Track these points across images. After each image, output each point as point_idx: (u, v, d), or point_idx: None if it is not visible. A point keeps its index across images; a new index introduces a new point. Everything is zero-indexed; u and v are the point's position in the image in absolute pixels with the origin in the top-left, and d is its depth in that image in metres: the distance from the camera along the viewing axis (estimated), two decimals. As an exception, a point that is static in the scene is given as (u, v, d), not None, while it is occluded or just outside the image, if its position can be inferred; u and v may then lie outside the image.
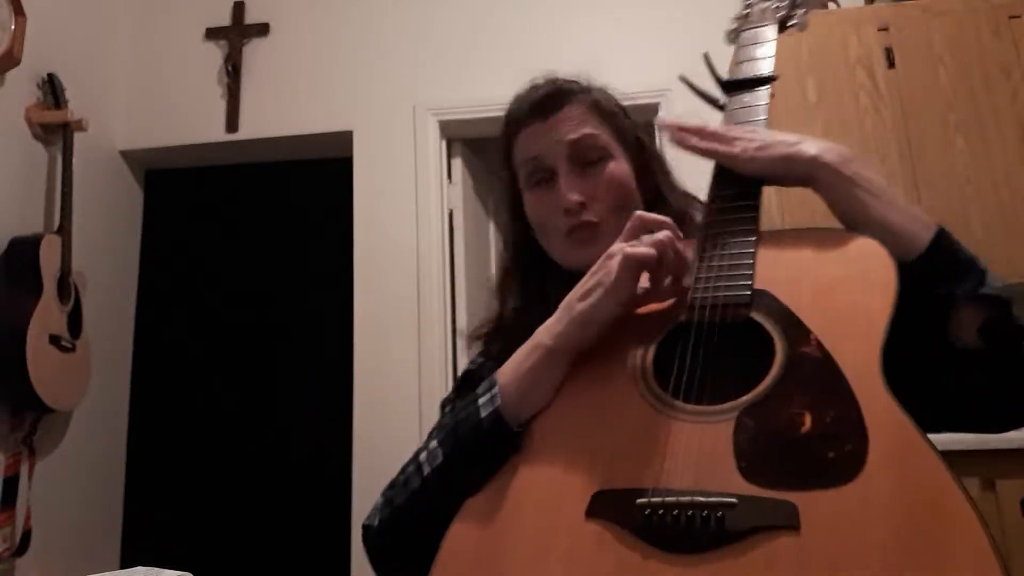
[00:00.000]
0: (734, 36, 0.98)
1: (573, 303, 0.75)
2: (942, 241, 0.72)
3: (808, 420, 0.60)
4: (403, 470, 0.80)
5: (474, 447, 0.73)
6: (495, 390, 0.75)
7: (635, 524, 0.59)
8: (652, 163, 1.00)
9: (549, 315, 0.78)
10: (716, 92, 0.94)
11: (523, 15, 2.86)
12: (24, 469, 2.25)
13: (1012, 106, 2.21)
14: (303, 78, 2.91)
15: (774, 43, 0.93)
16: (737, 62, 0.93)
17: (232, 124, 2.88)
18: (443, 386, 2.56)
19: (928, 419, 0.61)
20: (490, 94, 2.78)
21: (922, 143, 2.22)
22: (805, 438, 0.60)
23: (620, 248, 0.74)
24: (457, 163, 2.88)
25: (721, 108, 0.91)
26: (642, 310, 0.77)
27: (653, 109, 2.60)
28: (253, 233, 3.12)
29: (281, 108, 2.89)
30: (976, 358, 0.70)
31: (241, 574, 2.64)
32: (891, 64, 2.29)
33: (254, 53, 2.96)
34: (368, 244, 2.74)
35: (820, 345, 0.65)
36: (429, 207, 2.74)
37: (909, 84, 2.27)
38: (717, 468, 0.60)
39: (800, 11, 0.97)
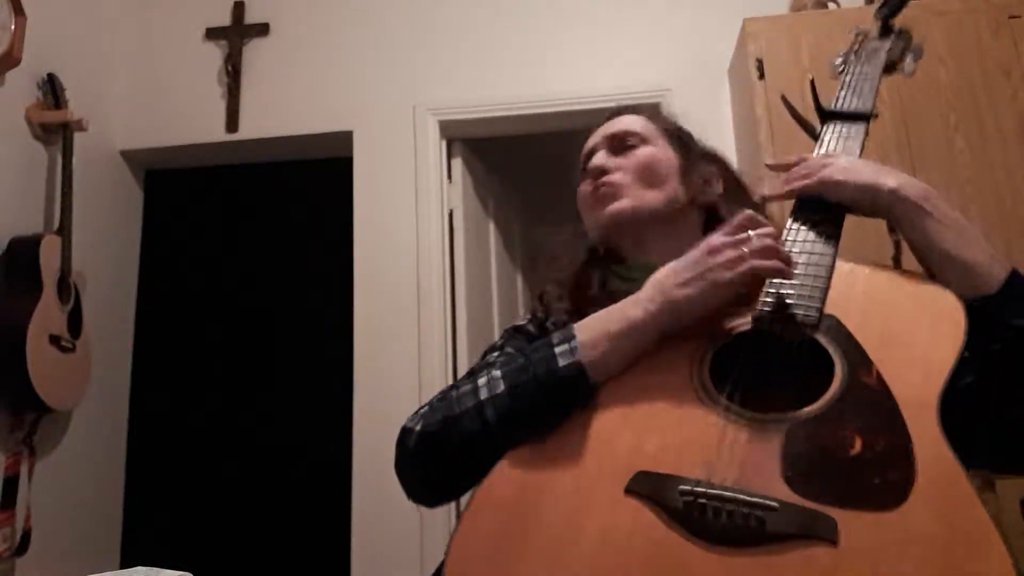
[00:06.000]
0: (839, 69, 1.02)
1: (669, 287, 0.76)
2: (1016, 279, 0.75)
3: (859, 443, 0.63)
4: (456, 387, 0.83)
5: (545, 390, 0.74)
6: (574, 343, 0.75)
7: (673, 509, 0.61)
8: (699, 165, 1.04)
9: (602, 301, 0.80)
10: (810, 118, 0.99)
11: (524, 15, 2.86)
12: (24, 469, 2.24)
13: (1012, 106, 2.21)
14: (303, 78, 2.91)
15: (876, 83, 0.97)
16: (839, 94, 0.97)
17: (232, 124, 2.88)
18: (443, 386, 2.54)
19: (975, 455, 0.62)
20: (490, 94, 2.81)
21: (922, 143, 2.22)
22: (854, 460, 0.63)
23: (738, 251, 0.74)
24: (457, 163, 2.88)
25: (815, 137, 0.94)
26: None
27: (653, 108, 2.60)
28: (253, 233, 3.12)
29: (281, 108, 2.89)
30: None
31: (241, 574, 2.64)
32: (891, 64, 2.29)
33: (254, 53, 2.96)
34: (368, 244, 2.73)
35: (880, 378, 0.68)
36: (429, 207, 2.73)
37: (909, 84, 2.27)
38: (762, 472, 0.62)
39: (910, 57, 1.02)
